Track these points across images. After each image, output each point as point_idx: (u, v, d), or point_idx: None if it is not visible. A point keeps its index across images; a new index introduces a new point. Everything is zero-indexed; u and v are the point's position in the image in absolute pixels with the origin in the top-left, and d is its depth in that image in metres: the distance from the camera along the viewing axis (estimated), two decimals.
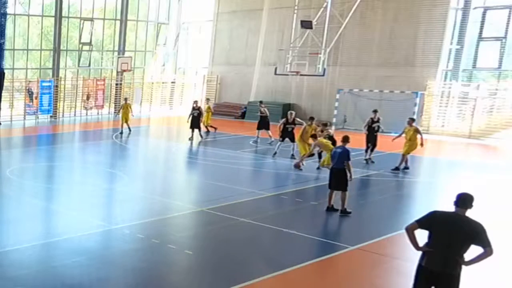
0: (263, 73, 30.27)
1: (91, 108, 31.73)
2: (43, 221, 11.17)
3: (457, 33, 25.09)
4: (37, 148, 21.60)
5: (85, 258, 8.57)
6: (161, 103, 35.06)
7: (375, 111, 18.06)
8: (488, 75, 25.56)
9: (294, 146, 17.72)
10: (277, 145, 18.21)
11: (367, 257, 9.01)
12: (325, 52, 24.74)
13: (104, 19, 32.59)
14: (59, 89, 29.86)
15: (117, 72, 31.93)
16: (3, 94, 26.23)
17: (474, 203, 5.69)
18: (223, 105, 32.30)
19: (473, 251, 5.59)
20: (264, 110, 21.97)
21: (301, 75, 25.47)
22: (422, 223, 5.82)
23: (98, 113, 31.62)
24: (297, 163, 16.30)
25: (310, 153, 15.96)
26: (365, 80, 26.78)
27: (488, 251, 5.44)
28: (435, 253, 5.69)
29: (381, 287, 7.99)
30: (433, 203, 12.54)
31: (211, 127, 24.26)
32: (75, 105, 31.33)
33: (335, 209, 11.39)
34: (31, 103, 29.01)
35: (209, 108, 24.50)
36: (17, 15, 28.73)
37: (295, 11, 26.84)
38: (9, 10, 25.91)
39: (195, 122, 21.63)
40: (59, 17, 29.66)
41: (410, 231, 5.85)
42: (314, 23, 24.76)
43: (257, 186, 13.90)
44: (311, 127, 16.40)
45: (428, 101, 25.21)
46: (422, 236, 5.85)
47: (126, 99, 24.80)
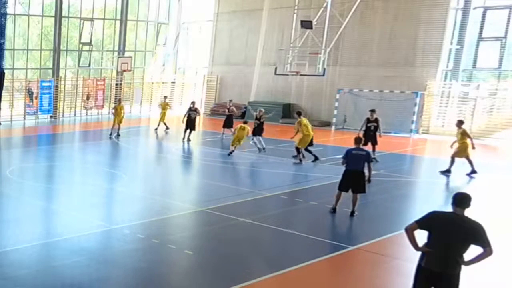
0: (263, 73, 30.26)
1: (91, 108, 31.75)
2: (43, 221, 11.17)
3: (457, 33, 25.08)
4: (37, 148, 21.60)
5: (85, 258, 8.57)
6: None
7: (372, 111, 17.95)
8: (488, 75, 25.55)
9: (260, 139, 19.16)
10: (258, 142, 19.20)
11: (367, 257, 9.01)
12: (325, 52, 24.75)
13: (104, 19, 32.62)
14: (59, 89, 29.88)
15: (117, 72, 31.95)
16: (3, 94, 26.21)
17: (472, 203, 5.69)
18: (223, 105, 32.22)
19: (472, 251, 5.59)
20: (232, 108, 22.63)
21: (301, 75, 25.48)
22: (421, 223, 5.82)
23: (98, 113, 31.64)
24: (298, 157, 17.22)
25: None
26: (365, 80, 26.78)
27: (487, 251, 5.44)
28: (434, 254, 5.69)
29: (381, 287, 7.99)
30: (433, 203, 12.55)
31: (164, 124, 24.30)
32: (75, 105, 31.36)
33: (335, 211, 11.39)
34: (31, 103, 29.02)
35: (166, 104, 24.90)
36: (17, 15, 28.75)
37: (295, 11, 26.85)
38: (9, 10, 25.89)
39: (192, 123, 21.62)
40: (59, 17, 29.68)
41: (409, 231, 5.85)
42: (314, 23, 24.77)
43: (257, 186, 13.89)
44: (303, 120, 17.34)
45: (428, 101, 25.21)
46: (421, 236, 5.86)
47: (120, 100, 24.24)
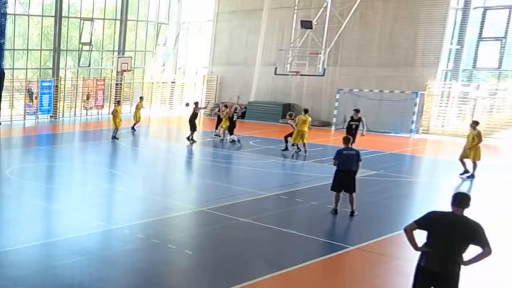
0: (263, 73, 30.26)
1: (91, 108, 31.75)
2: (43, 221, 11.17)
3: (457, 33, 25.08)
4: (37, 148, 21.60)
5: (85, 258, 8.57)
6: (161, 103, 35.07)
7: (357, 110, 18.03)
8: (488, 75, 25.55)
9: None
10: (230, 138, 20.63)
11: (367, 257, 9.01)
12: (325, 52, 24.75)
13: (104, 19, 32.61)
14: (59, 89, 29.88)
15: (117, 72, 31.95)
16: (3, 94, 26.23)
17: (471, 203, 5.68)
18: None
19: (472, 251, 5.59)
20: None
21: (301, 75, 25.48)
22: (420, 223, 5.82)
23: (98, 113, 31.63)
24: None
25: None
26: (365, 80, 26.78)
27: (486, 250, 5.44)
28: (434, 253, 5.69)
29: (381, 287, 7.99)
30: (433, 203, 12.55)
31: (134, 124, 24.14)
32: (75, 105, 31.36)
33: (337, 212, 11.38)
34: (31, 103, 29.02)
35: (141, 104, 24.68)
36: (17, 15, 28.75)
37: (295, 11, 26.84)
38: (9, 10, 25.92)
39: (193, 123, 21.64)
40: (59, 17, 29.68)
41: (408, 231, 5.85)
42: (314, 23, 24.76)
43: (257, 186, 13.89)
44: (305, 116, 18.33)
45: (428, 101, 25.20)
46: (421, 236, 5.86)
47: (119, 102, 23.82)
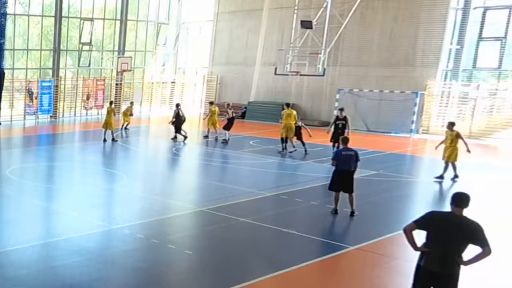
0: (263, 73, 30.26)
1: (91, 108, 31.75)
2: (43, 221, 11.17)
3: (457, 33, 25.07)
4: (37, 148, 21.60)
5: (85, 258, 8.57)
6: (161, 103, 35.07)
7: (341, 109, 18.24)
8: (488, 75, 25.54)
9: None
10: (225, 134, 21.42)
11: (367, 257, 9.01)
12: (325, 52, 24.74)
13: (104, 19, 32.61)
14: (59, 89, 29.88)
15: (117, 72, 31.94)
16: (3, 94, 26.30)
17: (471, 203, 5.67)
18: (223, 105, 32.25)
19: (471, 250, 5.59)
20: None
21: (301, 75, 25.47)
22: (419, 223, 5.82)
23: (98, 113, 31.62)
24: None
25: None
26: (365, 80, 26.78)
27: (486, 250, 5.43)
28: (433, 253, 5.69)
29: (381, 287, 7.99)
30: (433, 203, 12.57)
31: (126, 125, 24.04)
32: (75, 105, 31.36)
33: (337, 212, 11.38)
34: (31, 103, 29.03)
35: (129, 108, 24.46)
36: (17, 15, 28.75)
37: (295, 11, 26.83)
38: (9, 10, 26.01)
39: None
40: (59, 17, 29.68)
41: (408, 232, 5.84)
42: (314, 23, 24.75)
43: (257, 186, 13.88)
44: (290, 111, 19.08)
45: (428, 101, 25.20)
46: (420, 236, 5.86)
47: (111, 102, 23.21)
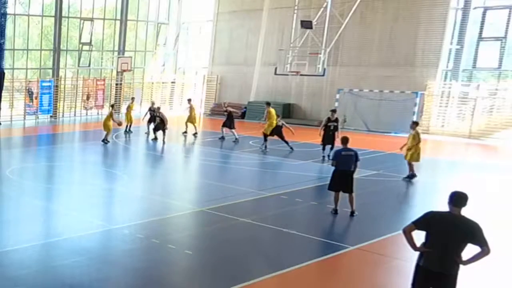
0: (263, 73, 30.26)
1: (91, 108, 31.75)
2: (43, 221, 11.17)
3: (457, 33, 25.08)
4: (37, 148, 21.60)
5: (85, 258, 8.57)
6: (161, 103, 35.00)
7: (333, 111, 18.03)
8: (488, 75, 25.54)
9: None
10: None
11: (367, 257, 9.01)
12: (325, 52, 24.75)
13: (104, 19, 32.61)
14: (59, 89, 29.89)
15: (117, 72, 31.95)
16: (3, 94, 26.25)
17: (470, 202, 5.68)
18: (221, 106, 32.28)
19: (470, 250, 5.59)
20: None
21: (301, 75, 25.48)
22: (418, 224, 5.82)
23: (98, 113, 31.62)
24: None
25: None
26: (365, 80, 26.78)
27: (485, 250, 5.44)
28: (432, 253, 5.70)
29: (381, 287, 7.99)
30: (433, 203, 12.54)
31: (129, 127, 23.90)
32: (75, 105, 31.36)
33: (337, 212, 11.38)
34: (31, 103, 29.03)
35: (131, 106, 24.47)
36: (17, 15, 28.75)
37: (295, 11, 26.84)
38: (9, 10, 25.94)
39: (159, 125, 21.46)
40: (59, 17, 29.69)
41: (407, 232, 5.85)
42: (314, 23, 24.76)
43: (257, 186, 13.89)
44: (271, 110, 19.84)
45: (428, 101, 25.20)
46: (419, 236, 5.86)
47: (112, 106, 23.15)
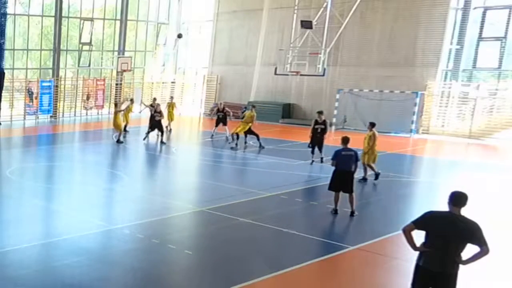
0: (263, 73, 30.26)
1: (91, 108, 31.75)
2: (43, 221, 11.17)
3: (457, 33, 25.08)
4: (37, 148, 21.60)
5: (85, 258, 8.57)
6: (161, 103, 34.98)
7: (320, 113, 17.27)
8: (488, 75, 25.54)
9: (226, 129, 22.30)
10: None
11: (367, 257, 9.01)
12: (325, 52, 24.75)
13: (104, 19, 32.59)
14: (59, 89, 29.88)
15: (117, 72, 31.94)
16: (3, 94, 26.28)
17: (470, 202, 5.67)
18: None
19: (470, 250, 5.59)
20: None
21: (301, 75, 25.49)
22: (418, 223, 5.82)
23: (98, 113, 31.63)
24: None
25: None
26: (365, 80, 26.78)
27: (484, 249, 5.44)
28: (432, 253, 5.70)
29: (381, 287, 7.99)
30: (433, 203, 12.54)
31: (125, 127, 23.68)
32: (75, 105, 31.35)
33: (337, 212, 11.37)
34: (31, 103, 29.02)
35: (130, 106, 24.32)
36: (17, 15, 28.73)
37: (295, 11, 26.84)
38: (9, 10, 25.99)
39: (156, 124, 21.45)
40: (59, 17, 29.67)
41: (407, 232, 5.85)
42: (314, 23, 24.77)
43: (257, 186, 13.88)
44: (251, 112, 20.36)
45: (428, 101, 25.20)
46: (419, 235, 5.85)
47: (116, 104, 23.14)
